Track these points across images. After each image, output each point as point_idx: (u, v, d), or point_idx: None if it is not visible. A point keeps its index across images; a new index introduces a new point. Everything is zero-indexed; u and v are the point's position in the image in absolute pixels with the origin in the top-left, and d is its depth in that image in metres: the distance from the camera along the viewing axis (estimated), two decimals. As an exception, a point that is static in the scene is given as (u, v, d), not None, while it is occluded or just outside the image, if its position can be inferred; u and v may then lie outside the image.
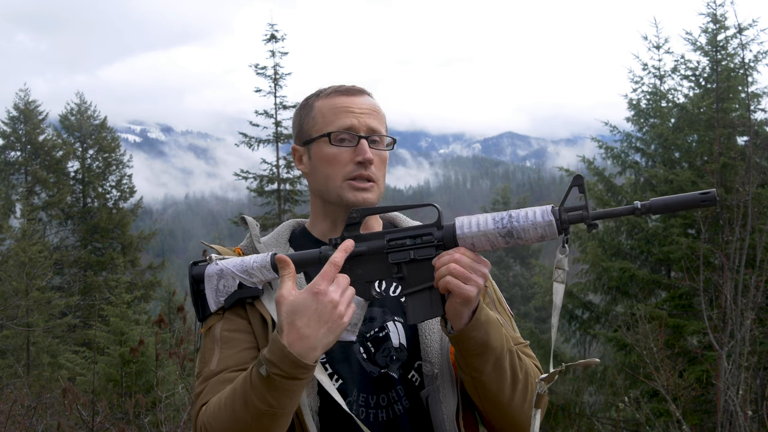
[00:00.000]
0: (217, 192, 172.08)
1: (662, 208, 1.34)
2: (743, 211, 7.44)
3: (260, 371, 1.34)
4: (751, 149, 8.35)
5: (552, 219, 1.34)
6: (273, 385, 1.33)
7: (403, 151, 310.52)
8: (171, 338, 8.12)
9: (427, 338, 1.57)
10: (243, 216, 1.68)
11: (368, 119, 1.62)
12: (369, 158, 1.59)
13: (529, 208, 1.38)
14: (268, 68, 15.48)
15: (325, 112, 1.64)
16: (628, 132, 11.97)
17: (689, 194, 1.32)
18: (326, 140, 1.61)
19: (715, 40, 10.71)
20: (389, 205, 1.48)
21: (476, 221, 1.38)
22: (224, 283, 1.47)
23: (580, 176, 1.34)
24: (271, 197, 15.50)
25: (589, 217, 1.34)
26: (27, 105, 22.27)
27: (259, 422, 1.36)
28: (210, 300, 1.49)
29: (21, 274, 14.00)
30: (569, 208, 1.36)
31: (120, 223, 21.28)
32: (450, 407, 1.54)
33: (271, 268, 1.46)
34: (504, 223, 1.36)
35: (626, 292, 10.57)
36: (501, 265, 27.89)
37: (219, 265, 1.49)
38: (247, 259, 1.48)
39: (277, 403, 1.35)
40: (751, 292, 6.61)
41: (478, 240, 1.38)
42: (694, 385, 6.70)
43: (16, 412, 6.48)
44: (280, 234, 1.69)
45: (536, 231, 1.35)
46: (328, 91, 1.67)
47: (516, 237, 1.36)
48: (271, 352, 1.34)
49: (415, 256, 1.41)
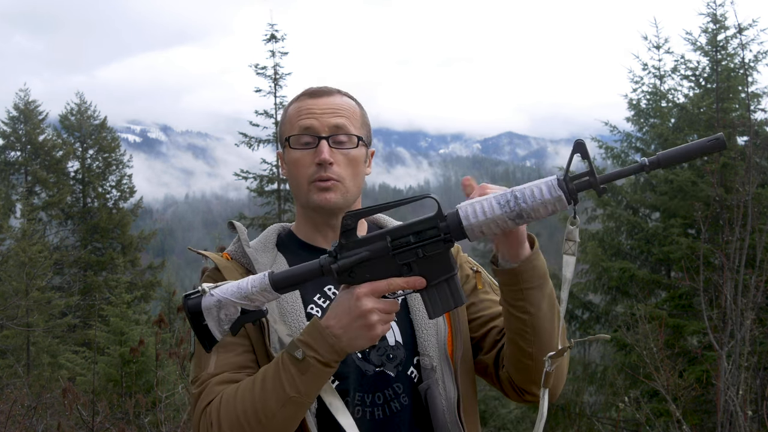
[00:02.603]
0: (218, 192, 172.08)
1: (671, 160, 1.29)
2: (743, 211, 7.43)
3: (296, 354, 1.36)
4: (751, 149, 8.35)
5: (560, 194, 1.30)
6: (307, 369, 1.35)
7: (403, 151, 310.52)
8: (171, 338, 8.12)
9: (423, 332, 1.57)
10: (231, 222, 1.67)
11: (331, 118, 1.60)
12: (324, 159, 1.56)
13: (533, 183, 1.33)
14: (268, 68, 15.49)
15: (292, 115, 1.64)
16: (628, 132, 11.98)
17: (696, 141, 1.27)
18: (289, 144, 1.62)
19: (715, 40, 10.71)
20: (383, 203, 1.39)
21: (480, 208, 1.33)
22: (225, 312, 1.42)
23: (581, 141, 1.29)
24: (271, 197, 15.50)
25: (597, 182, 1.30)
26: (27, 105, 22.26)
27: (284, 410, 1.37)
28: (215, 331, 1.44)
29: (21, 274, 14.00)
30: (575, 176, 1.32)
31: (120, 223, 21.28)
32: (450, 399, 1.54)
33: (272, 290, 1.40)
34: (511, 206, 1.31)
35: (626, 292, 10.58)
36: (501, 265, 27.78)
37: (215, 296, 1.42)
38: (243, 284, 1.42)
39: (305, 390, 1.36)
40: (751, 292, 6.61)
41: (487, 227, 1.33)
42: (694, 385, 6.69)
43: (16, 412, 6.48)
44: (268, 238, 1.69)
45: (546, 208, 1.31)
46: (299, 94, 1.67)
47: (526, 217, 1.32)
48: (309, 335, 1.37)
49: (424, 253, 1.37)
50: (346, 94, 1.68)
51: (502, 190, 1.35)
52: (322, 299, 1.60)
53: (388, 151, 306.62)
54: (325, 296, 1.61)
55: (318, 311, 1.59)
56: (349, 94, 1.70)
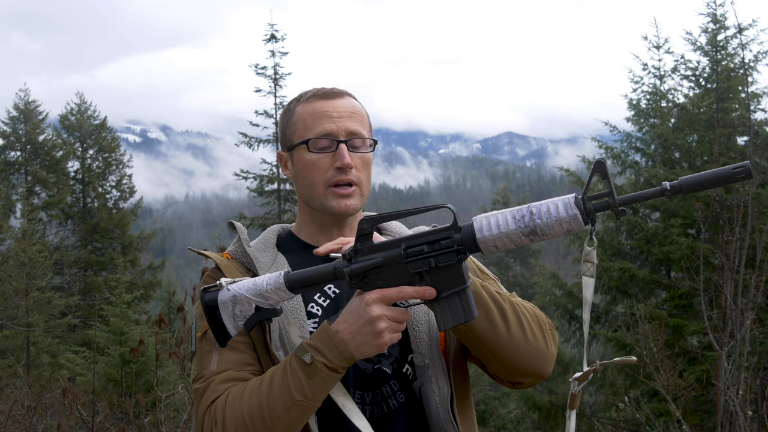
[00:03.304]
0: (218, 192, 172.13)
1: (693, 187, 1.24)
2: (743, 211, 7.43)
3: (304, 358, 1.36)
4: (751, 149, 8.36)
5: (576, 213, 1.27)
6: (315, 374, 1.36)
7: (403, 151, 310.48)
8: (171, 338, 8.11)
9: (416, 330, 1.58)
10: (231, 222, 1.68)
11: (348, 122, 1.61)
12: (348, 164, 1.57)
13: (550, 200, 1.31)
14: (268, 68, 15.48)
15: (305, 117, 1.63)
16: (628, 132, 11.97)
17: (721, 169, 1.23)
18: (306, 147, 1.61)
19: (715, 40, 10.71)
20: (400, 210, 1.38)
21: (495, 221, 1.32)
22: (240, 308, 1.43)
23: (602, 161, 1.25)
24: (271, 197, 15.50)
25: (616, 203, 1.27)
26: (27, 105, 22.27)
27: (290, 413, 1.37)
28: (229, 326, 1.45)
29: (21, 274, 14.00)
30: (593, 197, 1.28)
31: (120, 223, 21.28)
32: (443, 396, 1.55)
33: (286, 289, 1.41)
34: (526, 222, 1.30)
35: (626, 292, 10.57)
36: (501, 265, 27.86)
37: (231, 290, 1.43)
38: (259, 282, 1.43)
39: (311, 394, 1.37)
40: (751, 292, 6.61)
41: (501, 242, 1.32)
42: (694, 385, 6.69)
43: (16, 412, 6.47)
44: (268, 239, 1.70)
45: (561, 226, 1.28)
46: (308, 95, 1.67)
47: (540, 234, 1.30)
48: (318, 339, 1.37)
49: (437, 263, 1.35)
50: (352, 96, 1.69)
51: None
52: (322, 298, 1.61)
53: (388, 151, 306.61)
54: (325, 295, 1.61)
55: (318, 309, 1.59)
56: (354, 96, 1.70)
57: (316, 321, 1.58)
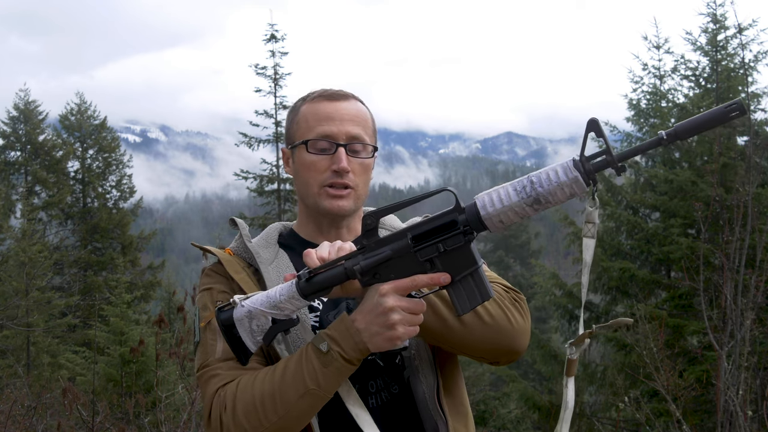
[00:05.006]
0: (218, 192, 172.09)
1: (689, 131, 1.24)
2: (743, 211, 7.43)
3: (320, 347, 1.37)
4: (751, 149, 8.35)
5: (577, 174, 1.26)
6: (330, 363, 1.36)
7: (402, 151, 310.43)
8: (171, 338, 8.11)
9: None
10: (233, 218, 1.69)
11: (349, 126, 1.61)
12: (344, 168, 1.58)
13: (549, 167, 1.29)
14: (268, 68, 15.49)
15: (308, 117, 1.64)
16: (628, 132, 11.98)
17: (715, 109, 1.22)
18: (305, 147, 1.62)
19: (715, 40, 10.71)
20: (401, 201, 1.37)
21: (497, 196, 1.30)
22: (257, 323, 1.43)
23: (594, 119, 1.26)
24: (271, 197, 15.51)
25: (615, 160, 1.27)
26: (27, 105, 22.27)
27: (302, 401, 1.37)
28: (248, 342, 1.44)
29: (21, 274, 14.01)
30: (591, 156, 1.28)
31: (120, 223, 21.29)
32: (430, 386, 1.55)
33: (300, 297, 1.40)
34: (528, 192, 1.28)
35: (626, 292, 10.57)
36: (501, 266, 27.84)
37: (246, 306, 1.43)
38: (272, 293, 1.42)
39: (325, 384, 1.37)
40: (751, 292, 6.60)
41: (505, 215, 1.30)
42: (694, 385, 6.69)
43: (16, 412, 6.48)
44: (269, 236, 1.71)
45: (563, 191, 1.27)
46: (314, 96, 1.67)
47: (544, 203, 1.29)
48: (335, 329, 1.38)
49: (445, 247, 1.34)
50: (358, 99, 1.69)
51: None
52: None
53: (388, 151, 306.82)
54: None
55: (320, 303, 1.61)
56: (361, 99, 1.70)
57: (317, 314, 1.59)
